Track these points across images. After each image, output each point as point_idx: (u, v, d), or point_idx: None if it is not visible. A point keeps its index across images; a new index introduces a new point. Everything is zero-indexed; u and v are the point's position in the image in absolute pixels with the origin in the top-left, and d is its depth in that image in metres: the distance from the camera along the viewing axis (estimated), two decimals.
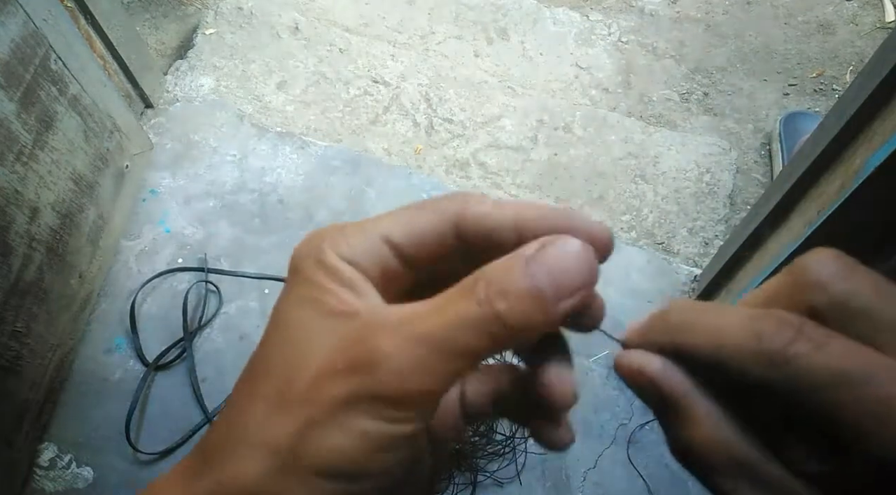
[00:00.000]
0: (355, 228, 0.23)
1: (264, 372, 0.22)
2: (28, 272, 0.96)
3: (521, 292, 0.20)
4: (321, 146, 1.37)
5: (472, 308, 0.20)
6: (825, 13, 1.67)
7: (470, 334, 0.20)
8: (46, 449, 1.07)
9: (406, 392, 0.20)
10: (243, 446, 0.21)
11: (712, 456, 0.21)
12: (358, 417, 0.20)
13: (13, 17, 0.89)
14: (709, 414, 0.22)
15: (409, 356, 0.20)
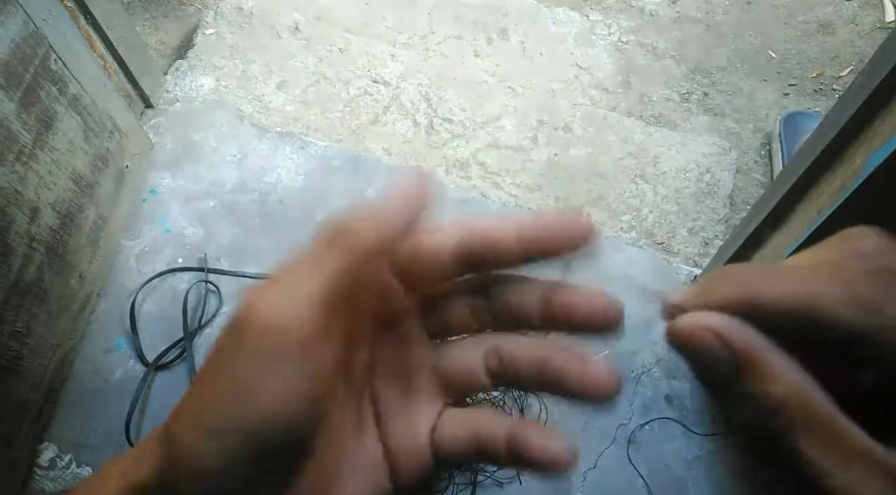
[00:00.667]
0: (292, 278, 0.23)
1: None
2: (28, 272, 0.96)
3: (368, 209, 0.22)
4: (321, 146, 1.37)
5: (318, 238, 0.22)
6: (825, 13, 1.67)
7: (315, 257, 0.22)
8: (46, 449, 1.07)
9: (278, 328, 0.21)
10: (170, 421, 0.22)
11: (793, 410, 0.20)
12: (237, 366, 0.21)
13: (13, 17, 0.89)
14: (789, 366, 0.21)
15: (274, 290, 0.22)
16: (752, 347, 0.21)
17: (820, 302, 0.20)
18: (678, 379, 1.18)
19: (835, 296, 0.20)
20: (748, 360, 0.21)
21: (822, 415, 0.20)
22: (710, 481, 1.11)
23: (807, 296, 0.21)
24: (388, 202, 0.23)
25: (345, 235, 0.22)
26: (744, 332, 0.21)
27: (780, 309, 0.21)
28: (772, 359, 0.21)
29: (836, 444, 0.20)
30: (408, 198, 0.23)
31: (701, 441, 1.13)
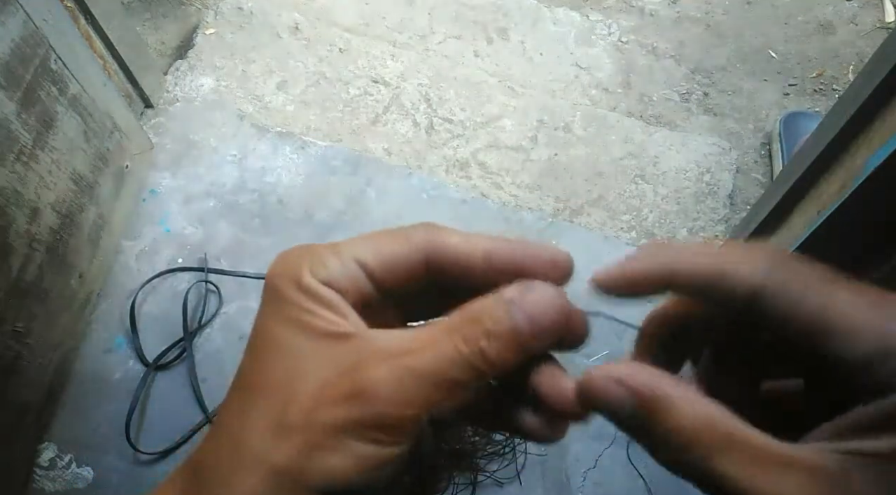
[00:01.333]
0: (329, 251, 0.25)
1: (260, 394, 0.24)
2: (28, 272, 0.96)
3: (503, 333, 0.23)
4: (321, 146, 1.37)
5: (460, 346, 0.23)
6: (825, 13, 1.67)
7: (457, 370, 0.23)
8: (46, 449, 1.07)
9: (398, 419, 0.22)
10: (242, 468, 0.23)
11: (703, 438, 0.21)
12: (353, 442, 0.22)
13: (13, 17, 0.89)
14: (691, 397, 0.22)
15: (401, 388, 0.22)
16: (653, 386, 0.22)
17: (728, 263, 0.22)
18: None
19: (741, 262, 0.22)
20: (652, 401, 0.22)
21: (729, 435, 0.21)
22: None
23: (716, 262, 0.23)
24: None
25: (495, 365, 0.23)
26: (645, 373, 0.23)
27: (693, 275, 0.23)
28: (674, 393, 0.22)
29: (749, 457, 0.21)
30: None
31: None
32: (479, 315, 0.23)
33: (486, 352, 0.23)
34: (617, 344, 1.19)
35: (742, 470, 0.21)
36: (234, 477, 0.23)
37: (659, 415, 0.22)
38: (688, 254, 0.23)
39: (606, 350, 1.18)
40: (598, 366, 0.23)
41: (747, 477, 0.20)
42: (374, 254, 0.25)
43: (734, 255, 0.23)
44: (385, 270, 0.25)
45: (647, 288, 0.24)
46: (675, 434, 0.21)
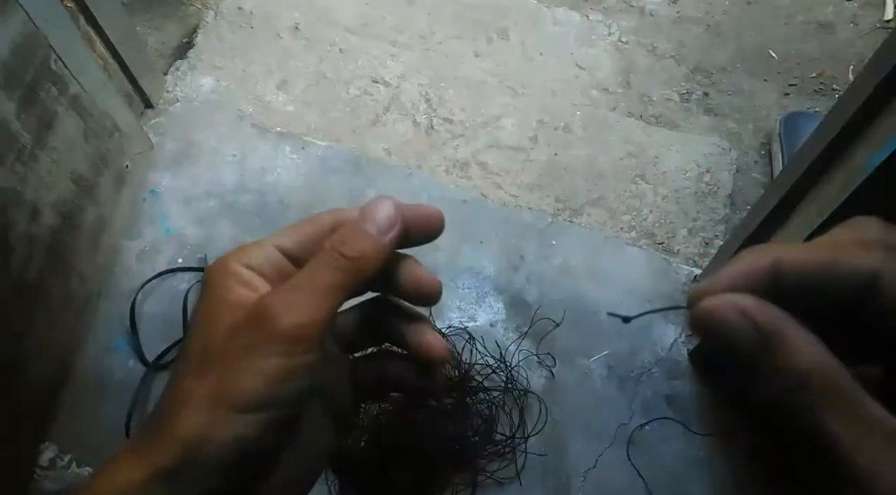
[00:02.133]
0: (253, 244, 0.31)
1: (187, 354, 0.28)
2: (28, 272, 0.96)
3: (354, 235, 0.29)
4: (321, 146, 1.37)
5: (324, 255, 0.28)
6: (825, 13, 1.67)
7: (326, 273, 0.28)
8: (46, 449, 1.07)
9: (294, 327, 0.26)
10: (182, 408, 0.26)
11: (817, 383, 0.21)
12: (260, 359, 0.26)
13: (13, 17, 0.89)
14: (813, 342, 0.22)
15: (289, 301, 0.27)
16: (777, 323, 0.22)
17: (841, 257, 0.22)
18: (678, 379, 1.18)
19: (853, 252, 0.22)
20: (773, 336, 0.22)
21: (844, 390, 0.21)
22: (710, 481, 1.11)
23: (828, 254, 0.22)
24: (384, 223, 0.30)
25: (355, 259, 0.29)
26: (768, 309, 0.22)
27: (803, 268, 0.22)
28: (796, 334, 0.22)
29: (858, 418, 0.20)
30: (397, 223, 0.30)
31: (701, 441, 1.13)
32: (339, 231, 0.29)
33: (346, 254, 0.28)
34: (617, 343, 1.19)
35: (846, 428, 0.20)
36: (178, 418, 0.26)
37: (778, 351, 0.21)
38: (794, 247, 0.23)
39: (606, 350, 1.18)
40: (716, 294, 0.23)
41: (849, 437, 0.20)
42: (290, 238, 0.31)
43: (845, 246, 0.22)
44: (300, 248, 0.31)
45: (753, 286, 0.23)
46: (789, 372, 0.21)
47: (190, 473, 0.25)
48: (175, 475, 0.25)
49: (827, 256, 0.22)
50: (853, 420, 0.20)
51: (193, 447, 0.25)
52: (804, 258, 0.23)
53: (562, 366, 1.16)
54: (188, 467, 0.25)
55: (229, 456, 0.26)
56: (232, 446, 0.25)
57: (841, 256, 0.22)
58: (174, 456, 0.25)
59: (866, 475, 0.20)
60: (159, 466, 0.25)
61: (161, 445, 0.26)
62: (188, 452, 0.25)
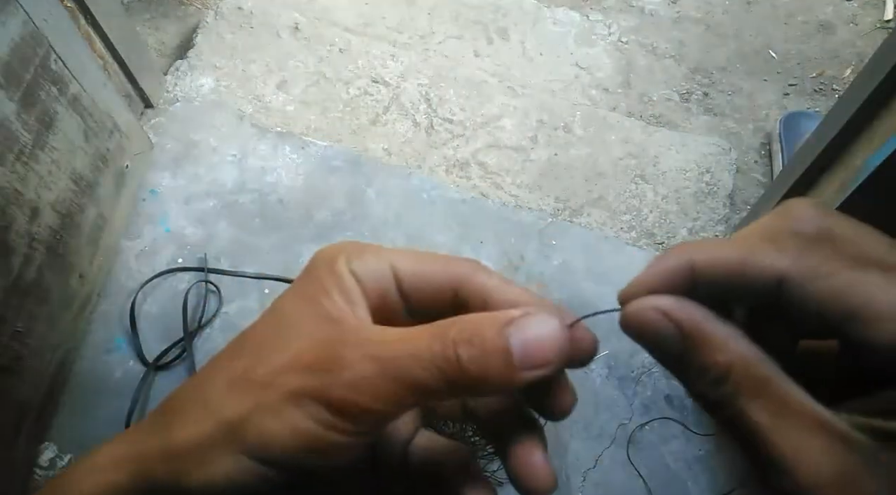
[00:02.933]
0: (372, 250, 0.25)
1: (239, 350, 0.24)
2: (28, 272, 0.96)
3: (489, 345, 0.21)
4: (321, 146, 1.37)
5: (435, 345, 0.21)
6: (825, 13, 1.67)
7: (424, 369, 0.21)
8: (46, 450, 1.07)
9: (349, 403, 0.21)
10: (198, 412, 0.23)
11: (739, 376, 0.21)
12: (299, 414, 0.22)
13: (13, 17, 0.89)
14: (733, 336, 0.22)
15: (362, 370, 0.21)
16: (695, 320, 0.22)
17: (749, 257, 0.22)
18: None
19: (764, 251, 0.22)
20: (693, 333, 0.22)
21: (767, 381, 0.21)
22: (710, 481, 1.11)
23: (738, 254, 0.22)
24: None
25: (469, 375, 0.22)
26: (687, 307, 0.22)
27: (714, 266, 0.22)
28: (715, 329, 0.22)
29: (780, 407, 0.20)
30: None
31: (701, 441, 1.13)
32: (471, 323, 0.22)
33: (462, 361, 0.21)
34: (617, 344, 1.19)
35: (769, 419, 0.20)
36: (187, 420, 0.23)
37: (698, 349, 0.22)
38: (709, 246, 0.23)
39: (606, 350, 1.18)
40: (639, 297, 0.23)
41: (773, 427, 0.20)
42: (410, 266, 0.25)
43: (758, 243, 0.22)
44: (413, 284, 0.25)
45: (672, 287, 0.23)
46: (711, 368, 0.21)
47: (169, 490, 0.23)
48: (152, 485, 0.23)
49: (737, 256, 0.22)
50: (775, 407, 0.20)
51: (183, 465, 0.23)
52: (715, 258, 0.22)
53: None
54: (170, 483, 0.23)
55: (212, 492, 0.23)
56: (220, 484, 0.22)
57: (750, 256, 0.22)
58: (162, 468, 0.23)
59: (790, 460, 0.20)
60: (142, 471, 0.24)
61: (153, 449, 0.24)
62: (176, 468, 0.23)
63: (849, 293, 0.20)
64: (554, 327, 0.22)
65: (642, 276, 0.24)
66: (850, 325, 0.20)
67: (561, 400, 0.25)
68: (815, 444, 0.20)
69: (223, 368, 0.24)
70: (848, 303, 0.20)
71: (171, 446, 0.23)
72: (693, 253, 0.23)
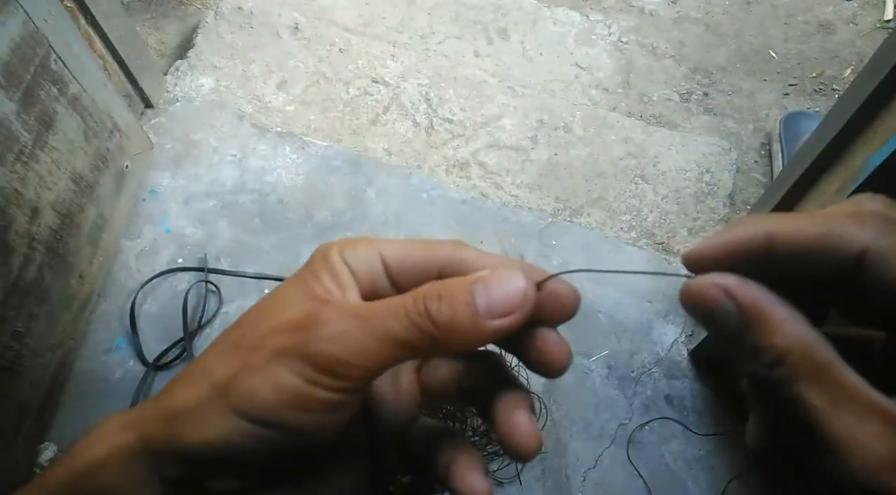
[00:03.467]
0: (365, 241, 0.27)
1: (235, 327, 0.26)
2: (28, 272, 0.96)
3: (456, 298, 0.23)
4: (321, 146, 1.37)
5: (407, 301, 0.23)
6: (825, 13, 1.67)
7: (399, 322, 0.23)
8: (47, 449, 1.07)
9: (331, 357, 0.23)
10: (191, 378, 0.25)
11: (797, 359, 0.21)
12: (282, 370, 0.23)
13: (13, 17, 0.89)
14: (794, 318, 0.22)
15: (341, 326, 0.23)
16: (758, 301, 0.22)
17: (832, 229, 0.22)
18: (678, 379, 1.18)
19: (847, 225, 0.22)
20: (754, 314, 0.22)
21: (824, 365, 0.21)
22: (710, 481, 1.11)
23: (820, 227, 0.22)
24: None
25: (439, 327, 0.23)
26: (750, 288, 0.22)
27: (795, 238, 0.22)
28: (777, 311, 0.22)
29: (837, 392, 0.20)
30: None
31: (701, 441, 1.13)
32: (444, 283, 0.24)
33: (432, 314, 0.23)
34: (616, 344, 1.19)
35: (825, 400, 0.20)
36: (181, 386, 0.25)
37: (756, 330, 0.22)
38: (788, 218, 0.23)
39: (606, 350, 1.18)
40: (708, 260, 0.23)
41: (828, 408, 0.20)
42: (398, 253, 0.27)
43: (839, 218, 0.22)
44: (401, 269, 0.27)
45: (746, 256, 0.23)
46: (768, 350, 0.21)
47: (169, 451, 0.24)
48: (154, 448, 0.24)
49: (819, 228, 0.22)
50: (832, 392, 0.20)
51: (179, 427, 0.24)
52: (796, 230, 0.22)
53: None
54: (168, 444, 0.24)
55: (210, 453, 0.23)
56: (216, 445, 0.23)
57: (833, 228, 0.22)
58: (160, 429, 0.24)
59: (845, 444, 0.20)
60: (144, 434, 0.24)
61: (153, 414, 0.25)
62: (173, 430, 0.24)
63: None
64: (516, 278, 0.24)
65: (716, 240, 0.23)
66: None
67: (553, 353, 0.26)
68: (871, 429, 0.19)
69: (219, 342, 0.26)
70: None
71: (168, 409, 0.24)
72: (772, 224, 0.23)
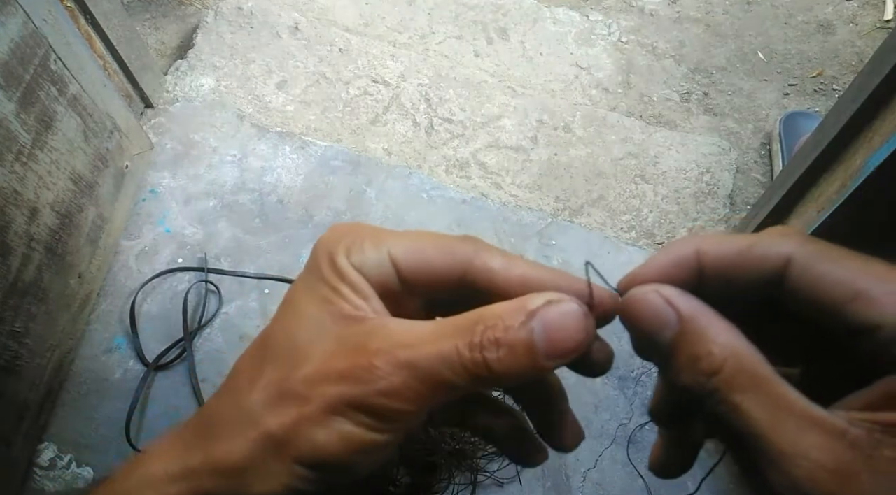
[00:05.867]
0: (370, 238, 0.25)
1: (271, 358, 0.25)
2: (27, 272, 0.96)
3: (515, 345, 0.22)
4: (321, 146, 1.37)
5: (463, 349, 0.22)
6: (825, 13, 1.67)
7: (455, 373, 0.22)
8: (46, 449, 1.07)
9: (388, 409, 0.23)
10: (238, 427, 0.24)
11: (733, 369, 0.21)
12: (344, 421, 0.23)
13: (13, 17, 0.89)
14: (729, 330, 0.22)
15: (396, 379, 0.22)
16: (696, 309, 0.22)
17: (759, 241, 0.23)
18: None
19: (771, 237, 0.23)
20: (694, 321, 0.22)
21: (762, 375, 0.21)
22: (710, 481, 1.11)
23: (747, 239, 0.23)
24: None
25: (495, 373, 0.23)
26: (688, 298, 0.23)
27: (722, 252, 0.23)
28: (714, 322, 0.22)
29: (775, 402, 0.20)
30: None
31: None
32: (493, 319, 0.22)
33: (489, 363, 0.22)
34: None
35: (765, 413, 0.20)
36: (231, 434, 0.24)
37: (694, 338, 0.22)
38: (715, 235, 0.24)
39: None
40: (639, 285, 0.23)
41: (770, 421, 0.20)
42: (411, 255, 0.25)
43: (764, 234, 0.23)
44: (416, 274, 0.25)
45: (678, 276, 0.23)
46: (704, 358, 0.21)
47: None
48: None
49: (745, 240, 0.23)
50: (771, 403, 0.20)
51: (240, 482, 0.24)
52: (723, 244, 0.23)
53: None
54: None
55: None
56: (281, 493, 0.24)
57: (759, 240, 0.23)
58: (217, 484, 0.24)
59: (788, 455, 0.19)
60: (199, 489, 0.24)
61: (207, 465, 0.24)
62: (235, 486, 0.24)
63: (855, 272, 0.21)
64: (575, 312, 0.23)
65: (647, 266, 0.24)
66: (855, 306, 0.20)
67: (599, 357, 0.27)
68: (811, 440, 0.19)
69: (254, 378, 0.25)
70: (855, 283, 0.21)
71: (221, 462, 0.24)
72: (699, 242, 0.23)
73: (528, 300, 0.23)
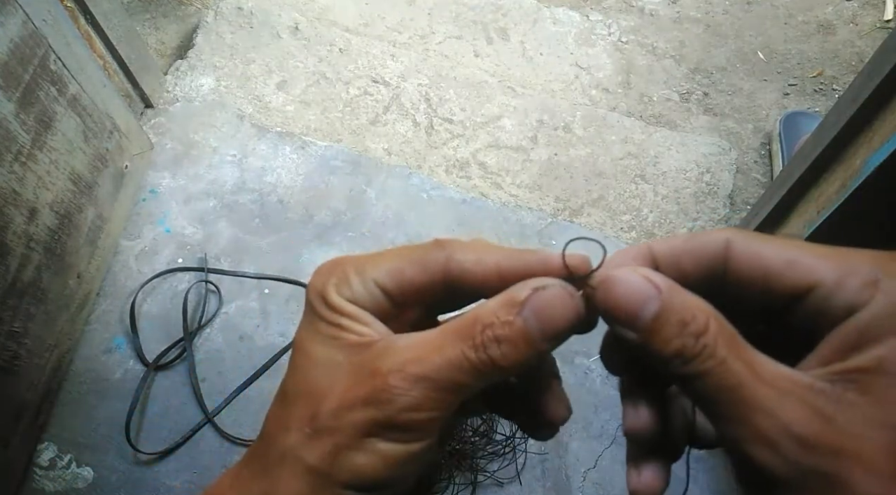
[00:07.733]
0: (353, 270, 0.27)
1: (295, 401, 0.27)
2: (26, 272, 0.96)
3: (513, 338, 0.24)
4: (321, 146, 1.37)
5: (469, 352, 0.24)
6: (825, 13, 1.67)
7: (466, 375, 0.24)
8: (46, 449, 1.07)
9: (413, 422, 0.24)
10: (285, 467, 0.26)
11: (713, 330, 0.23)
12: (378, 441, 0.25)
13: (13, 17, 0.89)
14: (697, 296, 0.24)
15: (415, 394, 0.24)
16: (671, 282, 0.24)
17: (697, 234, 0.26)
18: None
19: (709, 231, 0.25)
20: (672, 292, 0.24)
21: (735, 336, 0.23)
22: (710, 481, 1.11)
23: (688, 234, 0.26)
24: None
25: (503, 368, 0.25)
26: (660, 275, 0.24)
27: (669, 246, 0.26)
28: (686, 291, 0.24)
29: (750, 358, 0.23)
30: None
31: None
32: (489, 317, 0.24)
33: (494, 360, 0.24)
34: None
35: (744, 368, 0.22)
36: (279, 474, 0.26)
37: (678, 306, 0.23)
38: (661, 238, 0.27)
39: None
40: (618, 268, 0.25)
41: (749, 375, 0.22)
42: (392, 278, 0.27)
43: (705, 230, 0.25)
44: (402, 293, 0.27)
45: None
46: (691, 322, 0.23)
47: None
48: None
49: (686, 235, 0.26)
50: (748, 358, 0.22)
51: None
52: (670, 239, 0.26)
53: (562, 365, 1.16)
54: None
55: None
56: None
57: (697, 233, 0.26)
58: None
59: (765, 412, 0.22)
60: None
61: (257, 492, 0.26)
62: None
63: (787, 246, 0.24)
64: (561, 294, 0.25)
65: (612, 261, 0.26)
66: (791, 271, 0.23)
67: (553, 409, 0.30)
68: (788, 395, 0.22)
69: (285, 424, 0.26)
70: (788, 253, 0.24)
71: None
72: (652, 243, 0.26)
73: (516, 292, 0.25)
